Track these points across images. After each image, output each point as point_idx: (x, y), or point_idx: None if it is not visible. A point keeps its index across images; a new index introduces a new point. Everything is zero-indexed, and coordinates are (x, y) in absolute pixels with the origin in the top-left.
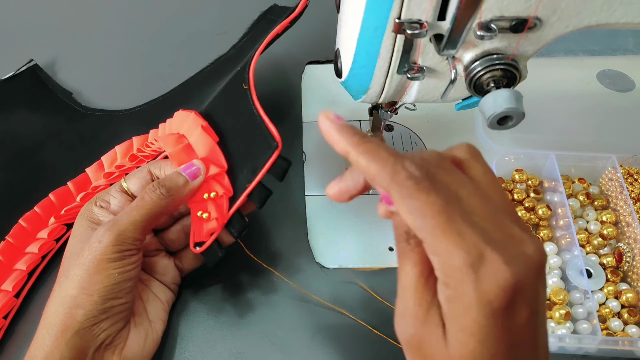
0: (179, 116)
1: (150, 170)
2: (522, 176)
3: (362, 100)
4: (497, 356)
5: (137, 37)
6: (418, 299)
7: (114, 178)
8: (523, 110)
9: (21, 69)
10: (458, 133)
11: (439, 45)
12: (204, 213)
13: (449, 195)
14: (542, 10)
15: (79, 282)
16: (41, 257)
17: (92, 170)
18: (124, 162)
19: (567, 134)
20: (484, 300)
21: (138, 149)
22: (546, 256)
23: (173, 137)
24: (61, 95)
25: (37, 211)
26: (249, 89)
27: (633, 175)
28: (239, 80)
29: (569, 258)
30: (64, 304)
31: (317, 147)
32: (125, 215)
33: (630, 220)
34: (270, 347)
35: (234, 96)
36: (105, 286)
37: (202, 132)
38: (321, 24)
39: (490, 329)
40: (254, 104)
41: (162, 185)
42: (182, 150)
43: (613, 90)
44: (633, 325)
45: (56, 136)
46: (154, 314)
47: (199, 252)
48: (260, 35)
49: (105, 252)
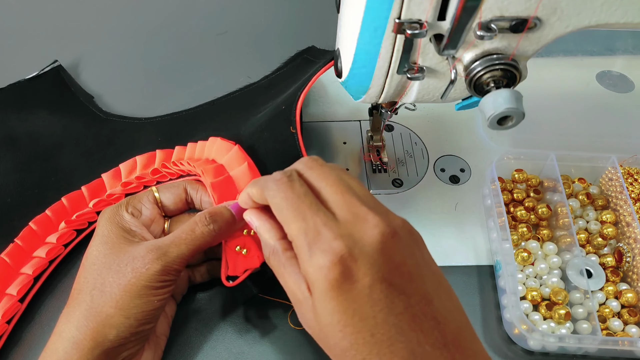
0: (216, 144)
1: (187, 190)
2: (522, 176)
3: (362, 100)
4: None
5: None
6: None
7: (132, 189)
8: (523, 110)
9: (45, 69)
10: (458, 133)
11: (439, 45)
12: (244, 249)
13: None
14: (542, 10)
15: (117, 302)
16: (48, 262)
17: (108, 176)
18: (144, 174)
19: (567, 134)
20: (320, 274)
21: (163, 164)
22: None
23: (212, 167)
24: (82, 99)
25: (49, 214)
26: (296, 133)
27: (633, 175)
28: (282, 120)
29: (569, 258)
30: (97, 320)
31: (317, 147)
32: (175, 247)
33: (630, 220)
34: (270, 347)
35: (277, 135)
36: (143, 311)
37: (248, 169)
38: (321, 24)
39: (334, 299)
40: (300, 149)
41: (215, 221)
42: (224, 182)
43: (612, 91)
44: (633, 325)
45: (74, 139)
46: (161, 330)
47: (231, 286)
48: (299, 74)
49: (150, 280)
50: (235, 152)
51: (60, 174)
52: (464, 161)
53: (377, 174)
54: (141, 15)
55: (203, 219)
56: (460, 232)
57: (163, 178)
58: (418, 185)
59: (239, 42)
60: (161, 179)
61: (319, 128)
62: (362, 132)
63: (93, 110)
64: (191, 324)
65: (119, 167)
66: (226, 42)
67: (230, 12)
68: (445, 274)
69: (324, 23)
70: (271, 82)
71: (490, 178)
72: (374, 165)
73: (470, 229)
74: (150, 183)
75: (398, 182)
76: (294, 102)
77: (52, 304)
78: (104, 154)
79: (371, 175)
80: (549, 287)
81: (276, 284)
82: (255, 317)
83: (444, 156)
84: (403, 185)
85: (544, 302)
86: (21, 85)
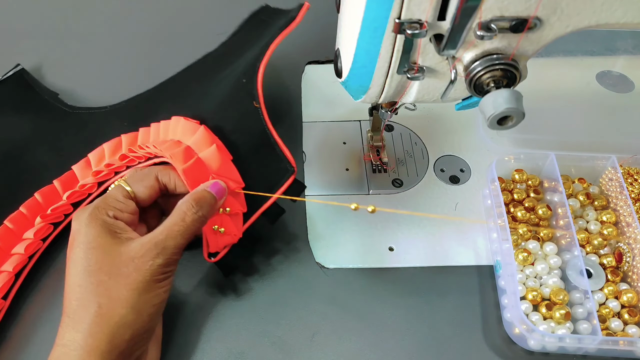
0: (180, 124)
1: (159, 179)
2: (522, 176)
3: (362, 100)
4: None
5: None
6: None
7: (103, 176)
8: (523, 110)
9: (8, 74)
10: (458, 133)
11: (439, 45)
12: (220, 227)
13: None
14: (542, 10)
15: (127, 302)
16: (28, 257)
17: (78, 167)
18: (113, 161)
19: (567, 134)
20: None
21: (129, 149)
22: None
23: (180, 150)
24: (47, 97)
25: (23, 211)
26: (259, 107)
27: (633, 175)
28: (245, 94)
29: (569, 258)
30: (111, 323)
31: (317, 147)
32: (172, 240)
33: (630, 220)
34: (270, 347)
35: (241, 111)
36: (154, 305)
37: (217, 150)
38: (321, 24)
39: None
40: (266, 124)
41: (201, 206)
42: (195, 165)
43: (612, 91)
44: (633, 325)
45: (42, 137)
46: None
47: (213, 262)
48: (255, 38)
49: (154, 274)
50: (202, 133)
51: (31, 172)
52: (464, 161)
53: (377, 174)
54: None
55: (190, 207)
56: (460, 232)
57: (132, 162)
58: (418, 185)
59: None
60: (130, 163)
61: (319, 128)
62: (362, 132)
63: (58, 106)
64: (191, 324)
65: (88, 157)
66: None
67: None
68: (446, 274)
69: (323, 23)
70: (227, 48)
71: (490, 178)
72: (374, 165)
73: (470, 229)
74: (120, 169)
75: (398, 182)
76: (255, 74)
77: (36, 300)
78: (72, 147)
79: (371, 175)
80: (549, 287)
81: None
82: (256, 317)
83: (444, 156)
84: (403, 185)
85: (544, 302)
86: None
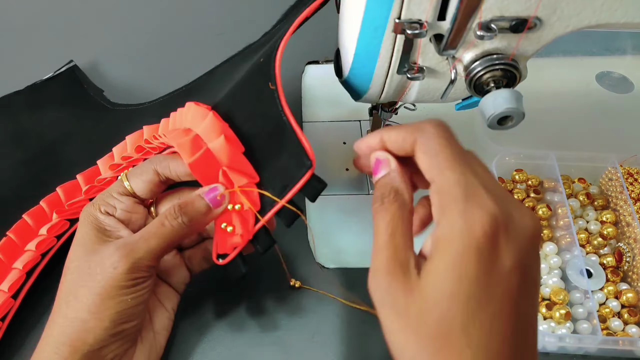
0: (191, 110)
1: (157, 171)
2: (522, 176)
3: (362, 100)
4: (472, 300)
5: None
6: (391, 253)
7: (121, 170)
8: (523, 110)
9: (60, 69)
10: (458, 133)
11: (439, 45)
12: (229, 226)
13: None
14: (542, 10)
15: (89, 307)
16: (40, 255)
17: (102, 162)
18: (130, 153)
19: (567, 134)
20: (469, 230)
21: (145, 140)
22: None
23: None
24: (92, 93)
25: (43, 206)
26: (276, 89)
27: (633, 175)
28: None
29: (569, 258)
30: (74, 326)
31: (317, 147)
32: (144, 242)
33: (630, 220)
34: (270, 347)
35: (257, 95)
36: (117, 312)
37: (225, 141)
38: (321, 24)
39: (471, 264)
40: (283, 111)
41: (185, 212)
42: (203, 158)
43: (612, 91)
44: (633, 325)
45: (80, 133)
46: (160, 325)
47: (221, 264)
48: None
49: (119, 280)
50: (211, 120)
51: (63, 167)
52: None
53: None
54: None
55: (172, 212)
56: None
57: (148, 154)
58: None
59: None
60: (147, 155)
61: (319, 128)
62: (362, 132)
63: (101, 103)
64: (191, 324)
65: (112, 151)
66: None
67: (230, 12)
68: None
69: (324, 23)
70: (269, 38)
71: None
72: None
73: None
74: (138, 161)
75: None
76: (273, 52)
77: (47, 299)
78: (106, 143)
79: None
80: (549, 287)
81: None
82: (256, 317)
83: None
84: None
85: (544, 302)
86: (37, 86)
